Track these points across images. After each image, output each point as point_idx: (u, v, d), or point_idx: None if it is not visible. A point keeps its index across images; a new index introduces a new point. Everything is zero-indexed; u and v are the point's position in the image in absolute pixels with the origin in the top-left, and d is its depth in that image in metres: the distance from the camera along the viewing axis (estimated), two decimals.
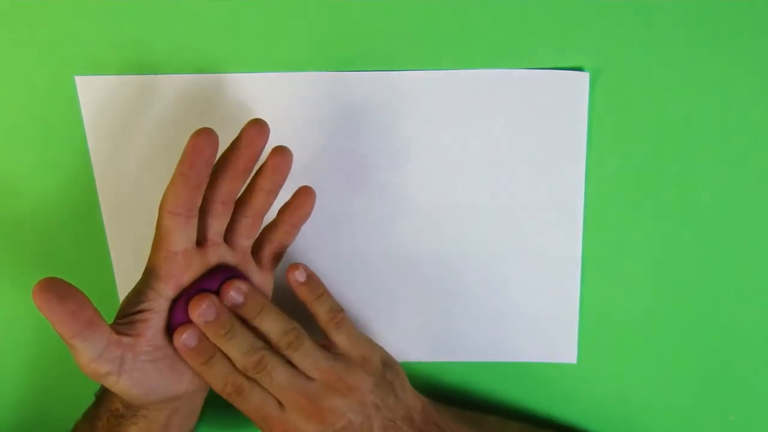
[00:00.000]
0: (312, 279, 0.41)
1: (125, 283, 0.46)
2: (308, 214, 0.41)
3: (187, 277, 0.38)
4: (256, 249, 0.41)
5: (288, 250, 0.43)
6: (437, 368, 0.48)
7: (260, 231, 0.41)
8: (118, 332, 0.36)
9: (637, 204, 0.44)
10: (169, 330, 0.38)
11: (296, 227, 0.41)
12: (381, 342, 0.45)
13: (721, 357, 0.47)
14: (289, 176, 0.39)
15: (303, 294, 0.41)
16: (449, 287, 0.46)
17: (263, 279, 0.41)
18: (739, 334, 0.46)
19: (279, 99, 0.43)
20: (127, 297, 0.38)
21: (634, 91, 0.42)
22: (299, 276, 0.40)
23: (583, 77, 0.42)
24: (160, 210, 0.36)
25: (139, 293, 0.37)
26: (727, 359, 0.47)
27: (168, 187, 0.36)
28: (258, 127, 0.37)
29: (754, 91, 0.42)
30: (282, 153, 0.38)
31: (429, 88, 0.42)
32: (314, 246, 0.45)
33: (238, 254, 0.40)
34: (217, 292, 0.38)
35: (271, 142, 0.43)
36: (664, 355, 0.47)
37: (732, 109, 0.42)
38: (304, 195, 0.41)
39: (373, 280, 0.46)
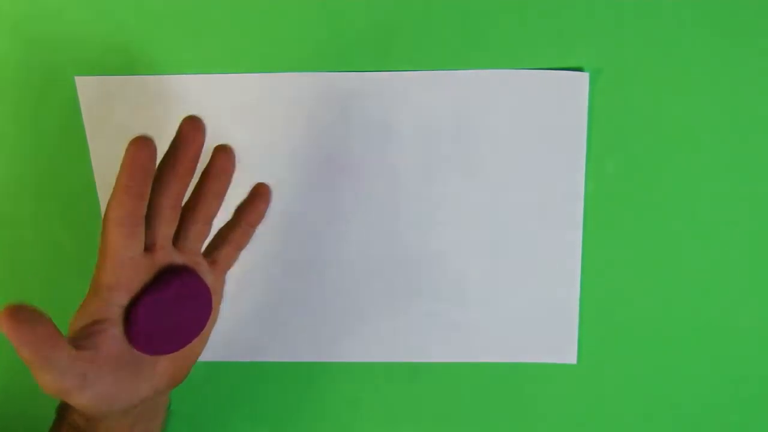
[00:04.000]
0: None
1: None
2: (264, 213, 0.40)
3: (136, 284, 0.37)
4: (212, 250, 0.40)
5: (292, 249, 0.43)
6: (437, 369, 0.48)
7: (217, 232, 0.40)
8: (78, 347, 0.35)
9: (637, 204, 0.44)
10: (129, 340, 0.37)
11: (253, 226, 0.40)
12: (380, 342, 0.45)
13: (721, 357, 0.47)
14: (293, 177, 0.39)
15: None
16: (449, 287, 0.46)
17: (215, 280, 0.40)
18: (739, 334, 0.46)
19: (280, 99, 0.43)
20: (77, 312, 0.36)
21: (634, 91, 0.42)
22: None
23: (583, 77, 0.42)
24: (104, 221, 0.35)
25: (90, 305, 0.36)
26: (727, 359, 0.47)
27: (111, 197, 0.35)
28: (194, 124, 0.36)
29: (754, 90, 0.42)
30: (225, 152, 0.37)
31: (429, 88, 0.42)
32: (321, 247, 0.45)
33: (188, 256, 0.39)
34: (172, 300, 0.37)
35: (272, 143, 0.43)
36: (663, 356, 0.47)
37: (732, 108, 0.42)
38: (260, 192, 0.40)
39: (373, 280, 0.46)
